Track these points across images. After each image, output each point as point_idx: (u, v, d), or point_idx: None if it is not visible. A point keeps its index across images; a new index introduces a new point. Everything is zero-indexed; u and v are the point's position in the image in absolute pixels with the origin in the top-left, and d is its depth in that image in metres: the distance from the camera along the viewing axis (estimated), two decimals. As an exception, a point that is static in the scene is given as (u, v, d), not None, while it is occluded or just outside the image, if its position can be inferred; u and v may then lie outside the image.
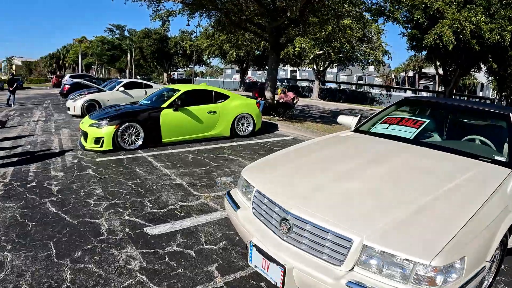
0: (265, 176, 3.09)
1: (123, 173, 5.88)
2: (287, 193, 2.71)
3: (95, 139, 7.13)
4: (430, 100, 5.41)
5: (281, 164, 3.35)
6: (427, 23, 19.48)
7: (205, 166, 6.49)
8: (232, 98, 9.16)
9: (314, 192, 2.69)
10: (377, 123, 4.55)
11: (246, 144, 8.72)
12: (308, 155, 3.55)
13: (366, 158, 3.27)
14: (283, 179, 2.99)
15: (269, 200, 2.72)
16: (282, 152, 3.74)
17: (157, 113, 7.71)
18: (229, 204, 3.19)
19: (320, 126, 12.26)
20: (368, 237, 2.15)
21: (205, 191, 5.19)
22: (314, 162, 3.32)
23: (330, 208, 2.47)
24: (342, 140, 4.08)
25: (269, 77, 14.55)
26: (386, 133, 4.06)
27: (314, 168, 3.15)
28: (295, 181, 2.91)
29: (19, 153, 7.08)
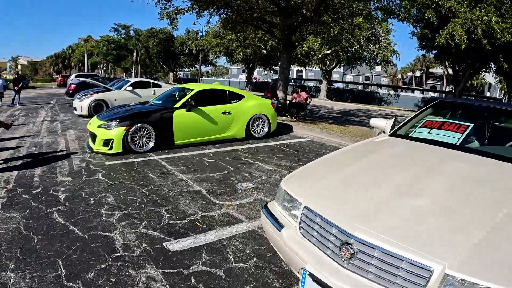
0: (312, 189, 2.62)
1: (135, 178, 5.43)
2: (345, 212, 2.27)
3: (104, 141, 6.70)
4: (467, 103, 5.04)
5: (325, 174, 2.88)
6: (437, 22, 19.07)
7: (222, 171, 6.04)
8: (247, 98, 8.71)
9: (377, 210, 2.25)
10: (416, 127, 4.15)
11: (262, 146, 8.27)
12: (352, 164, 3.08)
13: (420, 168, 2.84)
14: (335, 193, 2.53)
15: (324, 220, 2.27)
16: (321, 161, 3.27)
17: (169, 114, 7.28)
18: (268, 222, 2.72)
19: (336, 127, 11.78)
20: (451, 265, 1.78)
21: (226, 199, 4.74)
22: (363, 172, 2.86)
23: (400, 231, 2.06)
24: (384, 146, 3.62)
25: (281, 76, 14.08)
26: (429, 138, 3.64)
27: (366, 180, 2.70)
28: (350, 196, 2.46)
29: (23, 156, 6.67)
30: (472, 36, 17.58)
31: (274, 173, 6.09)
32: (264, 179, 5.69)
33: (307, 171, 3.03)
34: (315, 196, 2.51)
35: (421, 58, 63.15)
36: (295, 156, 7.40)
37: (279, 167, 6.50)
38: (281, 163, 6.79)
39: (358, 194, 2.47)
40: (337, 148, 8.56)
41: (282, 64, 14.06)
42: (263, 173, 6.05)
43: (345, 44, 26.56)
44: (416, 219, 2.14)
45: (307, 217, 2.41)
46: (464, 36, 17.55)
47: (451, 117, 4.62)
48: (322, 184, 2.69)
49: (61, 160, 6.39)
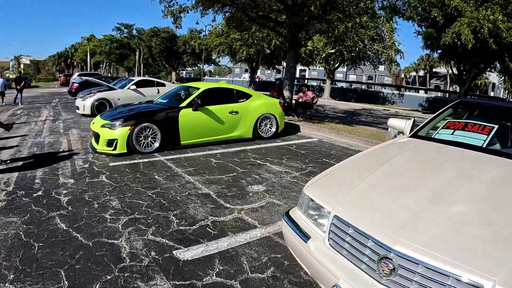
0: (341, 196, 2.37)
1: (141, 180, 5.19)
2: (381, 222, 2.03)
3: (108, 141, 6.47)
4: (489, 103, 4.88)
5: (352, 180, 2.63)
6: (443, 21, 18.83)
7: (231, 172, 5.80)
8: (255, 97, 8.46)
9: (415, 220, 2.03)
10: (437, 128, 3.96)
11: (271, 146, 8.02)
12: (378, 168, 2.83)
13: (451, 172, 2.63)
14: (367, 201, 2.29)
15: (358, 231, 2.03)
16: (343, 165, 3.02)
17: (175, 113, 7.04)
18: (292, 232, 2.48)
19: (343, 127, 11.52)
20: (501, 280, 1.59)
21: (237, 203, 4.49)
22: (391, 177, 2.62)
23: (443, 243, 1.84)
24: (408, 149, 3.38)
25: (287, 75, 13.83)
26: (454, 140, 3.42)
27: (396, 186, 2.46)
28: (383, 204, 2.22)
29: (24, 157, 6.44)
30: (479, 35, 17.39)
31: (285, 174, 5.85)
32: (275, 181, 5.44)
33: (331, 176, 2.78)
34: (345, 204, 2.27)
35: (424, 58, 62.78)
36: (305, 157, 7.16)
37: (290, 168, 6.25)
38: (291, 164, 6.54)
39: (392, 202, 2.24)
40: (346, 149, 8.35)
41: (288, 62, 13.80)
42: (274, 175, 5.81)
43: (349, 43, 26.39)
44: (456, 230, 1.94)
45: (337, 227, 2.17)
46: (470, 36, 17.37)
47: (472, 118, 4.39)
48: (350, 190, 2.44)
49: (63, 160, 6.16)
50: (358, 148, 8.52)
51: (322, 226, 2.33)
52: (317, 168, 6.32)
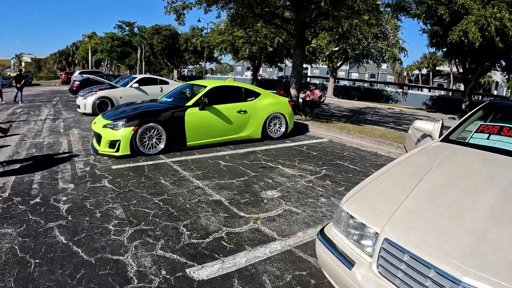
0: (388, 214, 2.02)
1: (146, 185, 4.83)
2: (442, 248, 1.69)
3: (110, 143, 6.11)
4: None
5: (395, 194, 2.27)
6: (449, 19, 18.46)
7: (242, 176, 5.43)
8: (263, 96, 8.09)
9: (481, 245, 1.71)
10: (470, 132, 3.67)
11: (281, 147, 7.66)
12: (420, 179, 2.46)
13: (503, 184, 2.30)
14: (420, 221, 1.93)
15: (415, 258, 1.68)
16: (381, 176, 2.64)
17: (181, 113, 6.67)
18: (331, 255, 2.11)
19: (352, 127, 11.14)
20: None
21: (251, 211, 4.13)
22: (440, 191, 2.27)
23: None
24: (447, 157, 3.01)
25: (293, 73, 13.44)
26: (492, 146, 3.11)
27: (448, 202, 2.11)
28: (440, 225, 1.88)
29: (22, 159, 6.08)
30: (486, 33, 17.09)
31: (299, 178, 5.49)
32: (289, 186, 5.08)
33: (370, 189, 2.41)
34: (396, 225, 1.91)
35: (428, 56, 62.39)
36: (318, 159, 6.79)
37: (303, 171, 5.89)
38: (304, 166, 6.18)
39: (449, 223, 1.88)
40: (358, 150, 7.99)
41: (295, 60, 13.42)
42: (287, 178, 5.45)
43: (353, 41, 26.04)
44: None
45: (388, 252, 1.81)
46: (478, 34, 17.07)
47: (505, 121, 4.05)
48: (398, 207, 2.08)
49: (63, 163, 5.80)
50: (370, 149, 8.16)
51: (366, 247, 1.99)
52: (332, 171, 5.97)
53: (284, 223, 3.86)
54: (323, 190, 5.01)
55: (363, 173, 6.02)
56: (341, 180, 5.54)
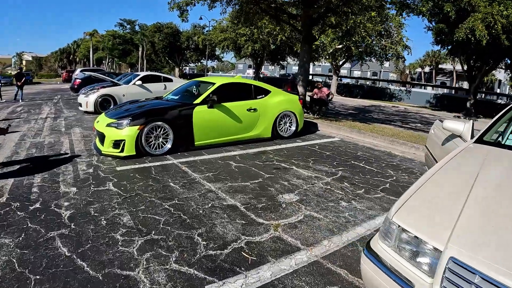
0: (448, 228, 1.70)
1: (155, 189, 4.49)
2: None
3: (114, 143, 5.77)
4: None
5: (450, 204, 1.94)
6: (455, 16, 18.13)
7: (256, 178, 5.10)
8: (274, 93, 7.74)
9: None
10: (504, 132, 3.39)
11: (292, 147, 7.32)
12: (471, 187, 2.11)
13: None
14: (488, 236, 1.62)
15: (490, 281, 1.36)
16: (427, 183, 2.29)
17: (189, 111, 6.33)
18: (383, 275, 1.78)
19: (362, 126, 10.80)
20: None
21: (270, 217, 3.79)
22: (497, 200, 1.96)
23: None
24: (491, 160, 2.69)
25: (300, 70, 13.08)
26: None
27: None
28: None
29: (21, 159, 5.74)
30: (493, 31, 16.83)
31: (315, 180, 5.15)
32: (307, 189, 4.75)
33: (420, 199, 2.07)
34: (461, 240, 1.59)
35: (431, 54, 61.98)
36: (332, 159, 6.46)
37: (319, 172, 5.56)
38: (319, 167, 5.85)
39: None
40: (371, 149, 7.66)
41: (302, 57, 13.06)
42: (304, 180, 5.12)
43: (357, 39, 25.88)
44: None
45: (455, 273, 1.48)
46: (485, 31, 16.82)
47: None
48: (456, 219, 1.74)
49: (64, 164, 5.47)
50: (383, 148, 7.84)
51: (424, 265, 1.66)
52: (348, 172, 5.63)
53: (307, 230, 3.53)
54: (342, 193, 4.68)
55: (380, 174, 5.70)
56: (359, 182, 5.21)
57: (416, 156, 7.21)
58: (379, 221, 3.82)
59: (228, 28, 34.20)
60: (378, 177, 5.50)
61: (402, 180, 5.45)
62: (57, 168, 5.24)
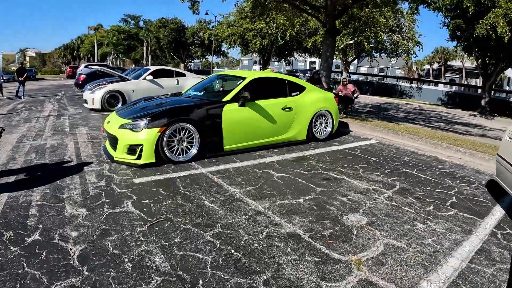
0: None
1: (187, 210, 3.51)
2: None
3: (130, 148, 4.79)
4: None
5: None
6: (474, 12, 17.56)
7: (307, 193, 4.13)
8: (309, 90, 6.76)
9: None
10: None
11: (332, 151, 6.35)
12: None
13: None
14: None
15: None
16: None
17: (218, 110, 5.33)
18: None
19: (395, 126, 9.84)
20: None
21: (346, 249, 2.86)
22: None
23: None
24: None
25: (324, 65, 12.07)
26: None
27: None
28: None
29: (19, 168, 4.76)
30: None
31: (375, 194, 4.22)
32: (372, 207, 3.82)
33: None
34: None
35: (440, 50, 60.77)
36: (381, 166, 5.53)
37: (375, 184, 4.62)
38: (372, 177, 4.90)
39: None
40: (416, 154, 6.72)
41: (325, 51, 12.05)
42: (363, 195, 4.16)
43: (370, 34, 25.11)
44: None
45: None
46: (506, 28, 16.16)
47: None
48: None
49: (70, 174, 4.49)
50: (427, 152, 6.96)
51: None
52: (406, 183, 4.75)
53: (397, 268, 2.62)
54: (412, 210, 3.83)
55: (439, 184, 4.86)
56: (423, 195, 4.36)
57: (464, 161, 6.43)
58: (467, 248, 3.06)
59: (235, 23, 33.34)
60: (439, 189, 4.66)
61: (465, 192, 4.65)
62: (60, 180, 4.26)
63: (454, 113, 18.96)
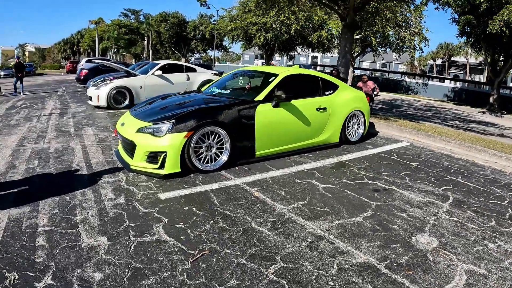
0: None
1: (234, 237, 2.84)
2: None
3: (150, 155, 4.10)
4: None
5: None
6: (485, 8, 17.34)
7: (363, 209, 3.51)
8: (342, 89, 6.10)
9: None
10: None
11: (368, 156, 5.72)
12: None
13: None
14: None
15: None
16: None
17: (250, 111, 4.64)
18: None
19: (421, 126, 9.21)
20: None
21: (430, 281, 2.33)
22: None
23: None
24: None
25: (341, 61, 11.39)
26: None
27: None
28: None
29: (20, 180, 4.08)
30: (527, 24, 15.88)
31: (433, 208, 3.72)
32: (436, 224, 3.33)
33: None
34: None
35: (444, 46, 60.11)
36: (425, 173, 5.00)
37: (427, 195, 4.08)
38: (421, 187, 4.34)
39: None
40: (452, 158, 6.06)
41: (343, 47, 11.36)
42: (421, 210, 3.63)
43: (377, 29, 24.58)
44: None
45: None
46: None
47: None
48: None
49: (80, 188, 3.81)
50: (463, 156, 6.36)
51: None
52: (458, 193, 4.25)
53: None
54: (476, 227, 3.32)
55: (490, 194, 4.35)
56: (479, 208, 3.84)
57: (501, 166, 5.87)
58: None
59: (238, 17, 32.71)
60: (492, 200, 4.14)
61: (517, 202, 4.08)
62: (70, 195, 3.59)
63: (464, 110, 18.42)
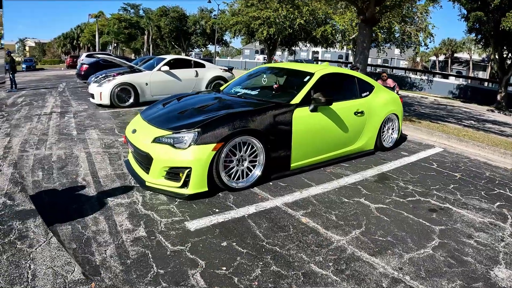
0: None
1: (295, 287, 2.23)
2: None
3: (171, 171, 3.44)
4: None
5: None
6: (496, 4, 17.16)
7: (428, 237, 2.99)
8: (377, 90, 5.48)
9: None
10: None
11: (408, 165, 5.17)
12: None
13: None
14: None
15: None
16: None
17: (287, 116, 3.99)
18: None
19: (445, 128, 8.66)
20: None
21: None
22: None
23: None
24: None
25: (359, 57, 10.76)
26: None
27: None
28: None
29: (24, 201, 3.45)
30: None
31: (497, 231, 3.27)
32: (507, 252, 2.95)
33: None
34: None
35: (447, 42, 59.53)
36: (473, 187, 4.50)
37: (485, 214, 3.61)
38: (475, 203, 3.83)
39: None
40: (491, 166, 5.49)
41: (362, 42, 10.73)
42: (485, 233, 3.17)
43: (384, 24, 24.23)
44: None
45: None
46: None
47: None
48: None
49: (90, 212, 3.16)
50: (500, 164, 5.89)
51: None
52: None
53: None
54: None
55: None
56: None
57: None
58: None
59: (240, 11, 32.07)
60: None
61: None
62: (81, 222, 2.96)
63: (473, 109, 17.82)
